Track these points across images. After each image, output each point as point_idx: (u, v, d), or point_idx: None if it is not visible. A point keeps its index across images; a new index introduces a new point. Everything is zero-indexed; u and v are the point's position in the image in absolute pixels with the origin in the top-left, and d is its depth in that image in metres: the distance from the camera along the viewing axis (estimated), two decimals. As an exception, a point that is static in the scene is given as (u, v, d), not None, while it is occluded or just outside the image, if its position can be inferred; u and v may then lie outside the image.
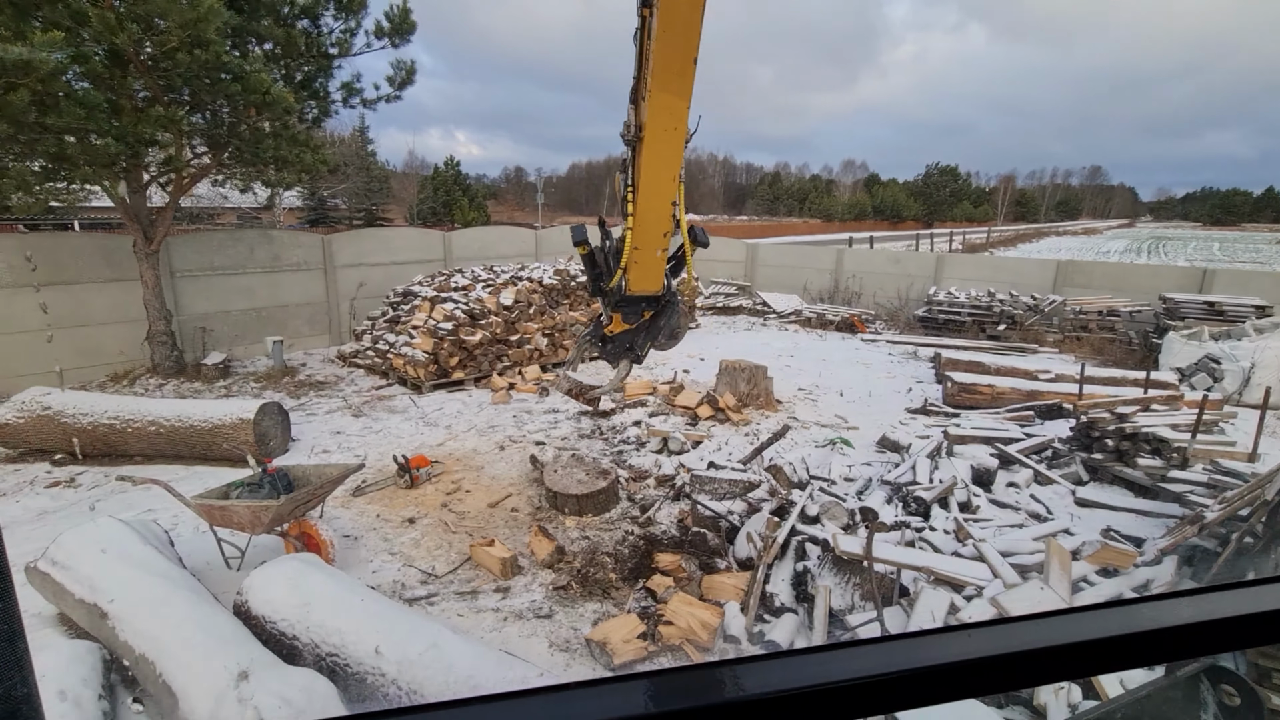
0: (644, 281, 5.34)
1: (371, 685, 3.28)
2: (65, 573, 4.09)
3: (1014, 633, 0.69)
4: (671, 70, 4.14)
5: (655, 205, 4.79)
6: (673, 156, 4.53)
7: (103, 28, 6.36)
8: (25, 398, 7.02)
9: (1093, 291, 13.82)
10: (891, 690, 0.61)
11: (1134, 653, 0.70)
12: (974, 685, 0.65)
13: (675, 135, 4.39)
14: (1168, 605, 0.73)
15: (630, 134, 4.63)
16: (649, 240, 4.94)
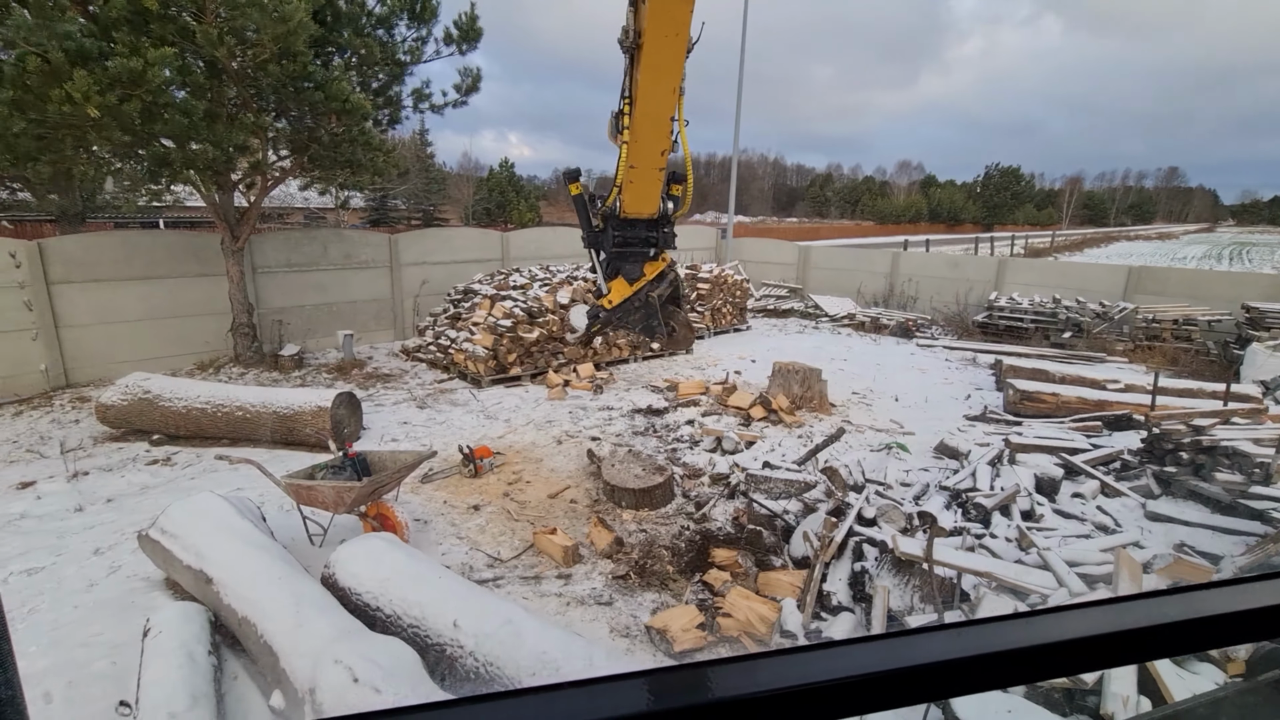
0: (640, 202, 4.89)
1: (450, 656, 3.51)
2: (174, 541, 4.49)
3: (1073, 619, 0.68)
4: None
5: (653, 119, 4.36)
6: (673, 65, 4.16)
7: (206, 42, 6.89)
8: (128, 382, 7.64)
9: (1167, 299, 13.18)
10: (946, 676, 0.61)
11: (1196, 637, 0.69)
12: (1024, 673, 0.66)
13: (676, 42, 4.03)
14: (1238, 590, 0.71)
15: (629, 40, 4.20)
16: (646, 158, 4.54)
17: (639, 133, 4.42)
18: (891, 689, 0.60)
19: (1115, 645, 0.66)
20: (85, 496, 6.17)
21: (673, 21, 3.95)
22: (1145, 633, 0.66)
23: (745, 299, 14.95)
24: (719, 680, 0.58)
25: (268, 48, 7.40)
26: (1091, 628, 0.66)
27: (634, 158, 4.51)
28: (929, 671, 0.61)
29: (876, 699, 0.60)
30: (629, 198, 4.83)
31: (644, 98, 4.31)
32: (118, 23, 6.73)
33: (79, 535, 5.44)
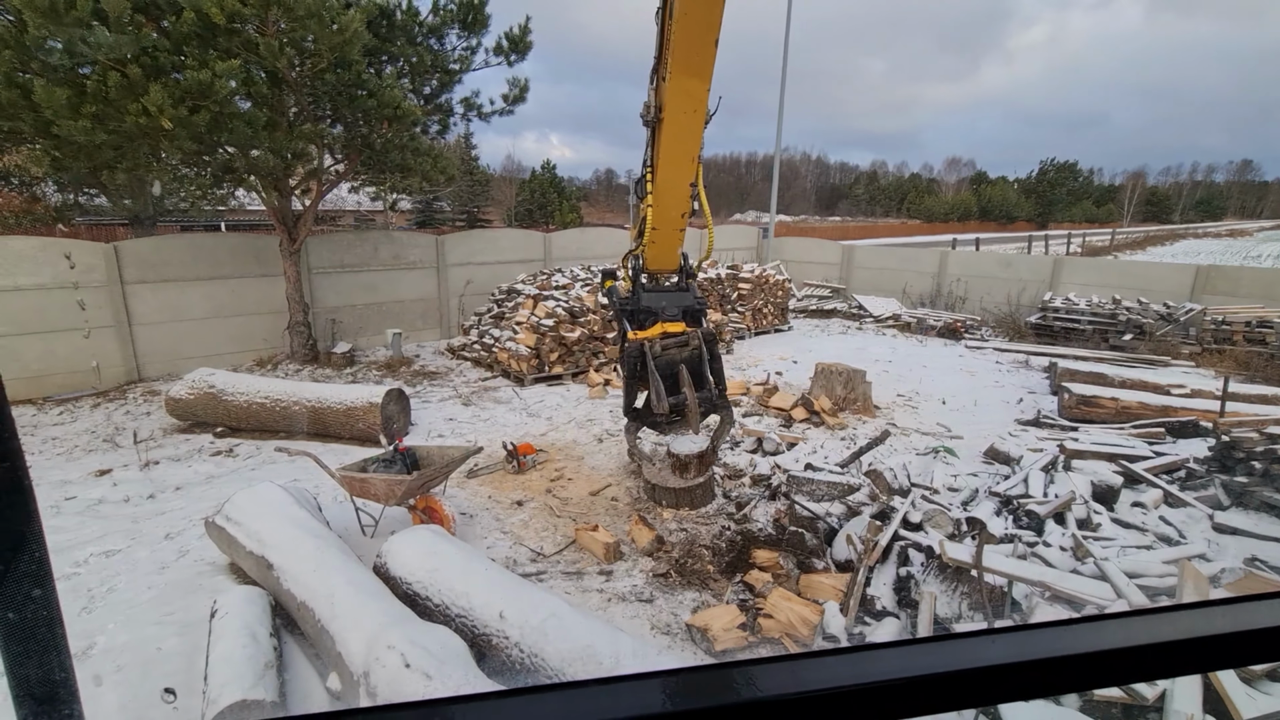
0: (661, 259, 5.34)
1: (496, 646, 3.61)
2: (238, 528, 4.73)
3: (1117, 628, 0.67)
4: (692, 50, 3.95)
5: (674, 186, 4.72)
6: (692, 138, 4.45)
7: (268, 53, 7.22)
8: (194, 377, 8.07)
9: (1239, 300, 12.46)
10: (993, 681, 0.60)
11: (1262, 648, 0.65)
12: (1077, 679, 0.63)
13: (694, 117, 4.31)
14: None
15: (650, 115, 4.52)
16: (668, 220, 4.94)
17: (661, 197, 4.81)
18: (935, 693, 0.59)
19: (1170, 654, 0.63)
20: (156, 484, 6.55)
21: (691, 97, 4.21)
22: (1202, 642, 0.63)
23: (786, 299, 14.79)
24: (759, 680, 0.58)
25: (325, 57, 7.71)
26: (1146, 636, 0.64)
27: (657, 220, 4.96)
28: (975, 676, 0.60)
29: (920, 702, 0.59)
30: (652, 254, 5.30)
31: (665, 166, 4.70)
32: (188, 37, 7.11)
33: (151, 521, 5.79)
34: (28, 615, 0.57)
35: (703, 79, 4.19)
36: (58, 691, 0.59)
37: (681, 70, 4.13)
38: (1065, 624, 0.67)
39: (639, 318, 5.31)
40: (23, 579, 0.55)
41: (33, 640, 0.57)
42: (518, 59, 9.83)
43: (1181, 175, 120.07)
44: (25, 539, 0.55)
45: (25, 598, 0.56)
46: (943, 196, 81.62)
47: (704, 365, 5.43)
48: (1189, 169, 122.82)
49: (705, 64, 4.13)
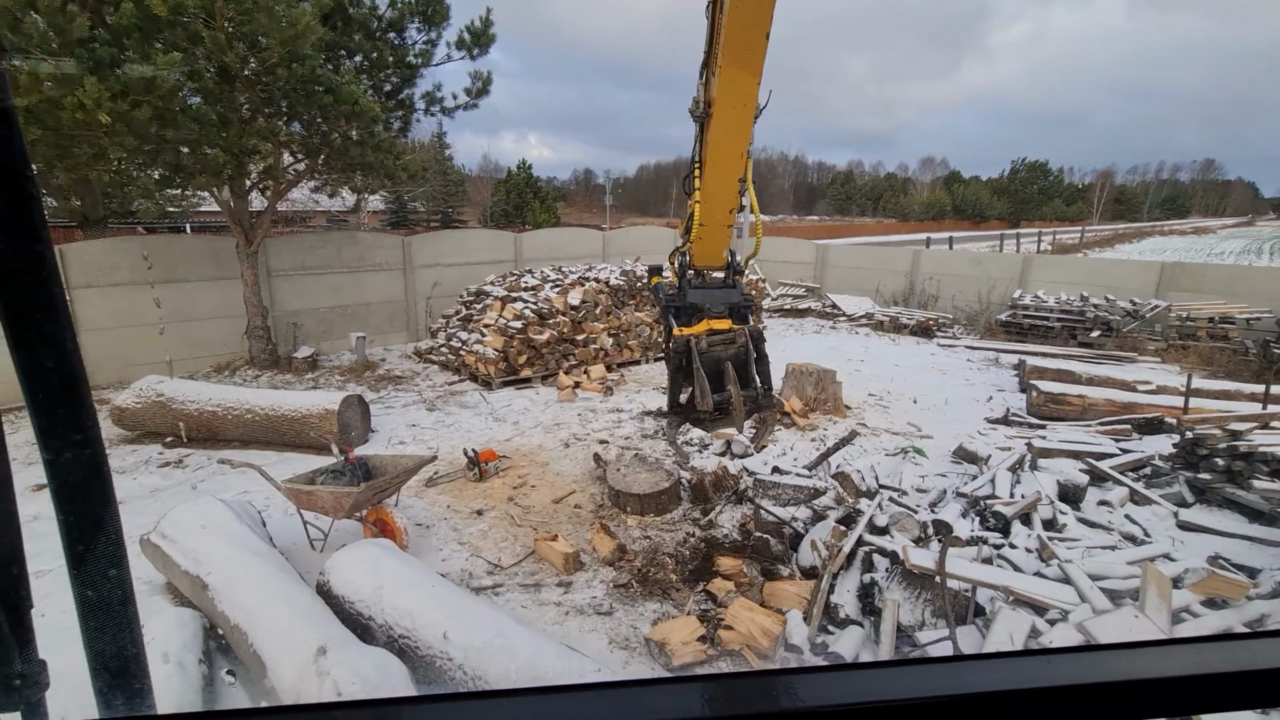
0: (708, 256, 5.37)
1: (439, 669, 3.42)
2: (173, 545, 4.47)
3: (1099, 662, 0.65)
4: (742, 44, 3.97)
5: (723, 181, 4.74)
6: (741, 132, 4.46)
7: (214, 47, 6.93)
8: (142, 385, 7.73)
9: (1203, 297, 12.65)
10: (958, 713, 0.58)
11: (1241, 693, 0.63)
12: (1047, 716, 0.61)
13: (744, 111, 4.31)
14: None
15: (699, 109, 4.53)
16: (716, 216, 4.95)
17: (709, 193, 4.83)
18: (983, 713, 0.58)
19: (1160, 692, 0.61)
20: (96, 499, 6.23)
21: (741, 93, 4.22)
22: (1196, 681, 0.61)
23: (761, 298, 14.73)
24: (719, 695, 0.57)
25: (276, 52, 7.42)
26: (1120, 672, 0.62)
27: (705, 216, 5.06)
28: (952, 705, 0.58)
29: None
30: (698, 250, 5.36)
31: (713, 162, 4.76)
32: (129, 29, 6.79)
33: (87, 538, 5.48)
34: (104, 593, 0.61)
35: (754, 73, 4.22)
36: (129, 665, 0.63)
37: (732, 64, 4.13)
38: (1045, 654, 0.66)
39: (685, 314, 5.23)
40: (100, 559, 0.60)
41: (108, 616, 0.61)
42: (480, 53, 9.61)
43: (1148, 174, 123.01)
44: (104, 522, 0.59)
45: (102, 577, 0.60)
46: (918, 196, 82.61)
47: (750, 363, 5.35)
48: (1155, 168, 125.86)
49: (756, 58, 4.14)
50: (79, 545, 0.58)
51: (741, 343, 5.31)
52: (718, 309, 5.26)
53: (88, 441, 0.57)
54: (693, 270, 5.30)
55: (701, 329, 5.17)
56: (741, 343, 5.31)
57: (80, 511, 0.58)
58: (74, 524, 0.58)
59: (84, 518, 0.58)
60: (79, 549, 0.58)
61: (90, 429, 0.57)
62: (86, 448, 0.57)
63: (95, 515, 0.58)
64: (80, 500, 0.58)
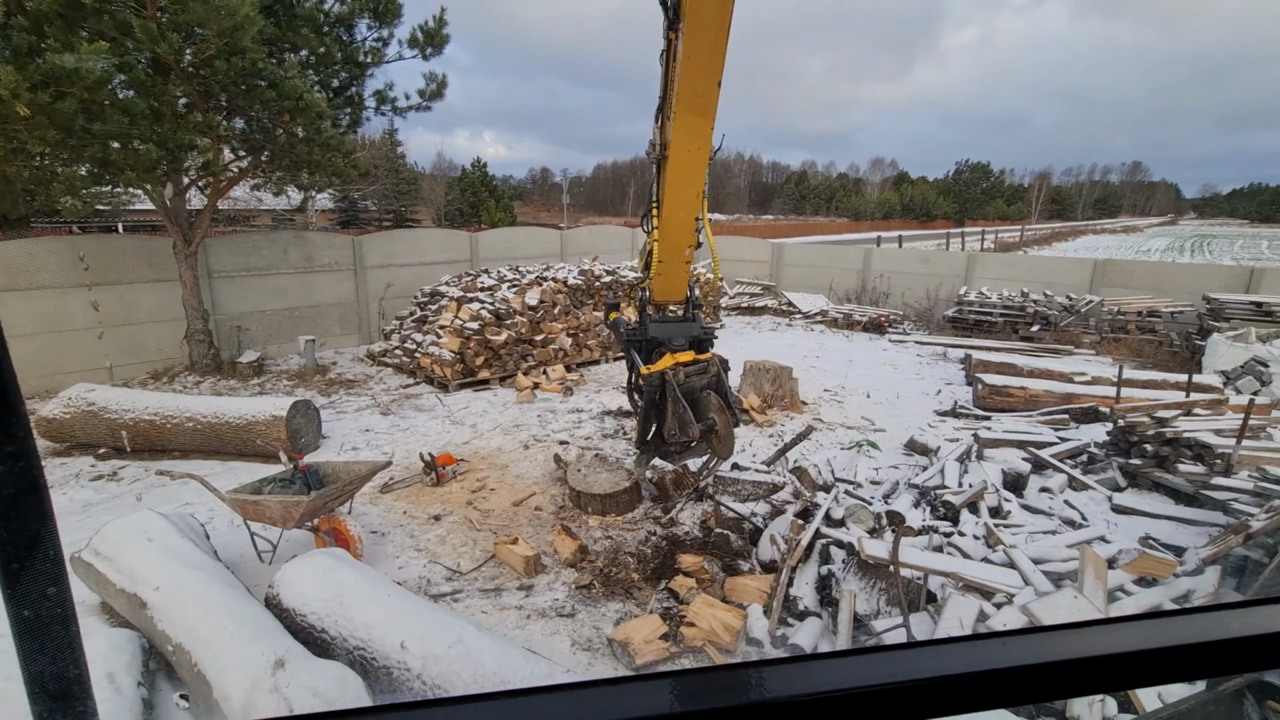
0: (668, 291, 5.51)
1: (398, 679, 3.34)
2: (107, 563, 4.24)
3: (1049, 642, 0.68)
4: (696, 92, 4.20)
5: (679, 220, 4.92)
6: (696, 174, 4.66)
7: (146, 37, 6.58)
8: (71, 394, 7.29)
9: (1132, 291, 13.40)
10: (918, 698, 0.60)
11: (1174, 667, 0.68)
12: (1004, 695, 0.64)
13: (699, 154, 4.51)
14: (1213, 618, 0.71)
15: (655, 152, 4.73)
16: (673, 253, 5.13)
17: (667, 231, 4.90)
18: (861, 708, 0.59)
19: (1106, 669, 0.64)
20: (21, 516, 5.84)
21: (695, 136, 4.36)
22: (1123, 659, 0.65)
23: (719, 298, 14.88)
24: (682, 691, 0.58)
25: (214, 43, 7.10)
26: (1072, 651, 0.65)
27: (663, 253, 5.01)
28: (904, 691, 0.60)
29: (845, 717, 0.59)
30: (659, 287, 5.34)
31: (671, 201, 4.75)
32: (49, 16, 6.39)
33: (11, 558, 5.14)
34: (43, 613, 0.58)
35: (707, 118, 4.31)
36: (71, 688, 0.60)
37: (686, 110, 4.29)
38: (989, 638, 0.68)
39: (647, 349, 5.32)
40: (38, 577, 0.57)
41: (47, 637, 0.58)
42: (434, 53, 9.38)
43: (1081, 176, 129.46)
44: (41, 537, 0.56)
45: (40, 595, 0.57)
46: (868, 195, 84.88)
47: (725, 390, 5.43)
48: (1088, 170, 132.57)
49: (709, 104, 4.25)
50: (14, 563, 0.55)
51: (713, 371, 5.43)
52: (679, 342, 5.40)
53: (21, 453, 0.54)
54: (653, 306, 5.45)
55: (667, 363, 5.26)
56: (713, 371, 5.43)
57: (15, 527, 0.55)
58: (8, 540, 0.55)
59: (19, 534, 0.55)
60: (13, 567, 0.56)
61: (24, 439, 0.54)
62: (20, 459, 0.54)
63: (31, 531, 0.56)
64: (14, 515, 0.56)
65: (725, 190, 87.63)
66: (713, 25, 3.91)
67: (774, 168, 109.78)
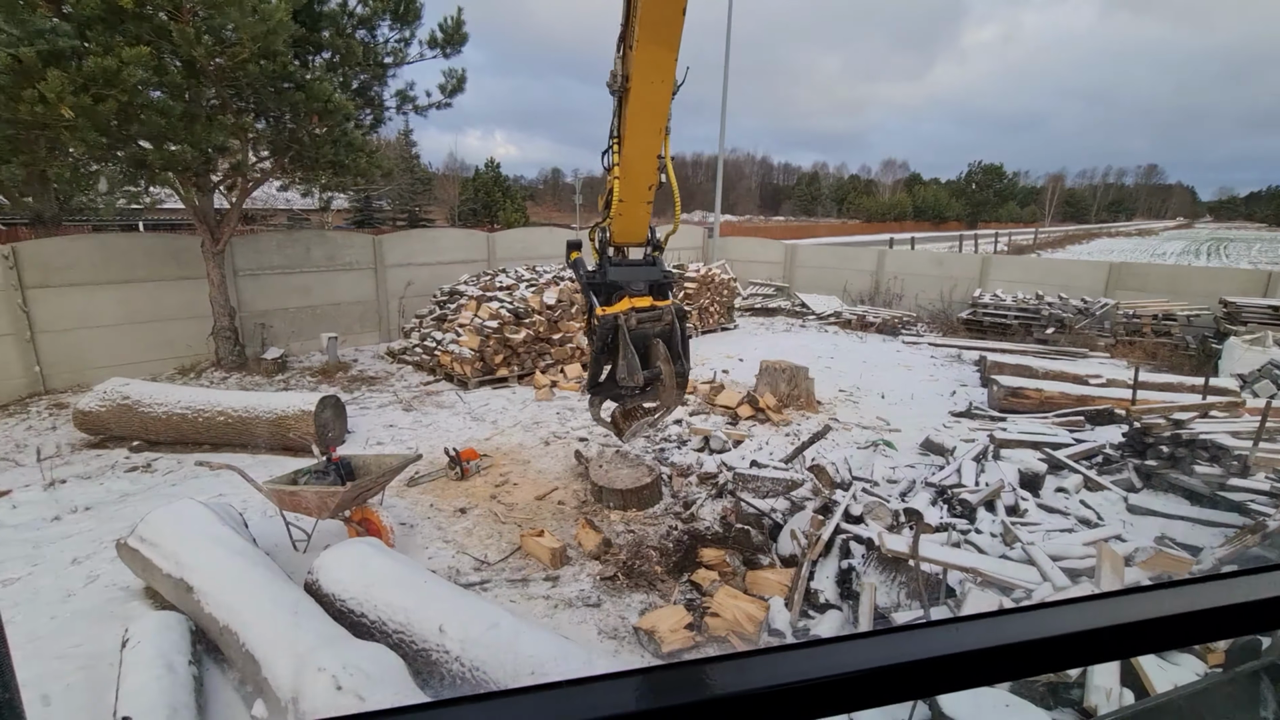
0: (629, 232, 5.24)
1: (435, 661, 3.48)
2: (153, 549, 4.41)
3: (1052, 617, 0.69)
4: (660, 19, 3.94)
5: (641, 156, 4.67)
6: (659, 107, 4.41)
7: (182, 41, 6.78)
8: (106, 388, 7.50)
9: (1147, 295, 13.37)
10: (933, 673, 0.62)
11: (1181, 633, 0.70)
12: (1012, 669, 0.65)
13: (663, 86, 4.28)
14: (1216, 586, 0.73)
15: (616, 84, 4.45)
16: (635, 192, 4.86)
17: (628, 169, 4.67)
18: (879, 686, 0.60)
19: (1101, 641, 0.67)
20: (62, 505, 6.05)
21: (658, 68, 4.16)
22: (1130, 628, 0.67)
23: (732, 298, 14.97)
24: (707, 678, 0.59)
25: (247, 47, 7.29)
26: (1078, 623, 0.67)
27: (624, 192, 4.78)
28: (916, 668, 0.61)
29: (864, 696, 0.60)
30: (619, 228, 5.08)
31: (632, 137, 4.53)
32: (92, 21, 6.60)
33: (55, 545, 5.34)
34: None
35: (670, 48, 4.10)
36: (2, 713, 0.58)
37: (649, 40, 4.06)
38: (1002, 614, 0.70)
39: (605, 292, 5.21)
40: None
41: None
42: (453, 51, 9.55)
43: (1096, 178, 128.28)
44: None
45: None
46: (880, 197, 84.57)
47: (676, 340, 5.38)
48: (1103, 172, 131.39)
49: (673, 34, 4.03)
50: None
51: (668, 320, 5.36)
52: (638, 286, 5.29)
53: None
54: (612, 248, 5.20)
55: (623, 306, 5.18)
56: (668, 320, 5.36)
57: None
58: None
59: None
60: None
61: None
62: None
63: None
64: None
65: (736, 191, 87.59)
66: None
67: (785, 169, 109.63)
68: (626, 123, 4.48)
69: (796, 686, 0.58)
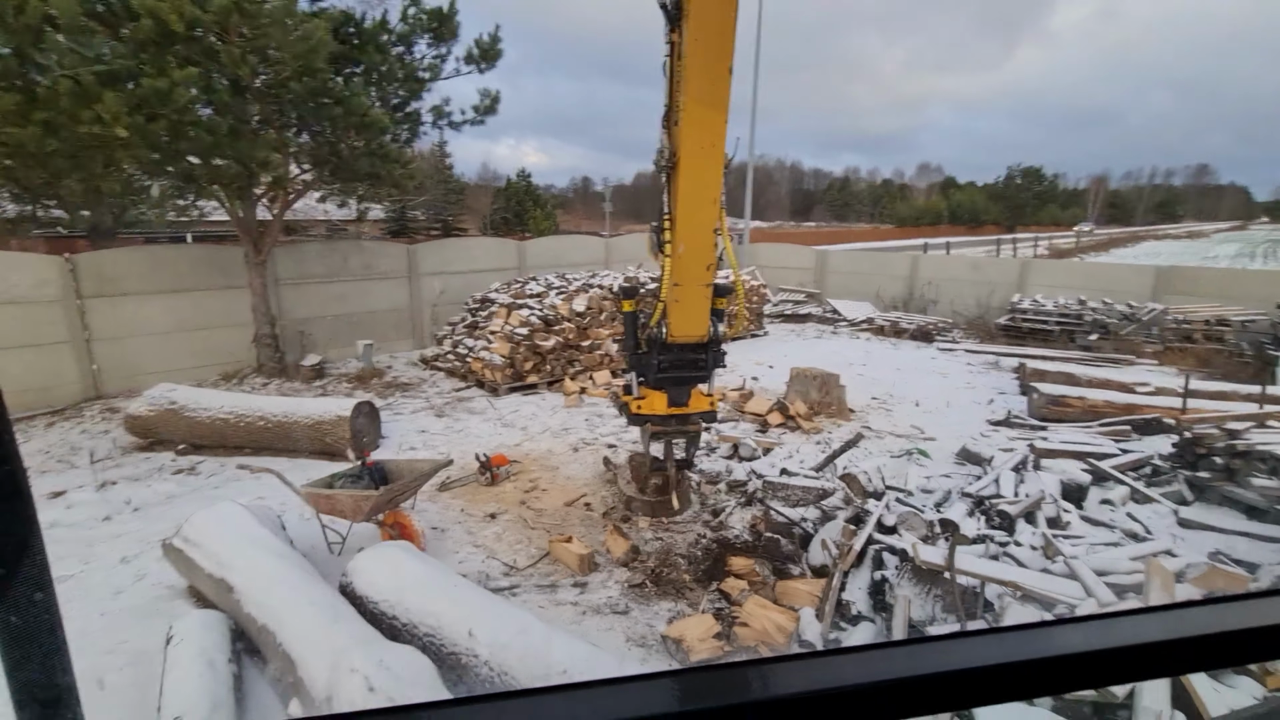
0: (687, 324, 4.75)
1: (465, 665, 3.51)
2: (196, 549, 4.56)
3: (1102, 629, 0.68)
4: (707, 79, 3.82)
5: (696, 234, 4.32)
6: (712, 178, 4.16)
7: (229, 61, 7.06)
8: (155, 393, 7.81)
9: (1198, 299, 12.83)
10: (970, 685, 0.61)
11: (1238, 649, 0.67)
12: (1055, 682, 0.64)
13: (714, 153, 4.06)
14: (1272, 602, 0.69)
15: (664, 160, 4.28)
16: (691, 274, 4.47)
17: (683, 247, 4.38)
18: (911, 696, 0.59)
19: (1146, 657, 0.64)
20: (113, 505, 6.31)
21: (710, 131, 3.99)
22: (1183, 644, 0.64)
23: (762, 304, 14.87)
24: (736, 683, 0.59)
25: (289, 65, 7.56)
26: (1127, 637, 0.65)
27: (679, 275, 4.45)
28: (951, 679, 0.60)
29: (896, 707, 0.59)
30: (676, 319, 4.68)
31: (685, 213, 4.26)
32: (145, 44, 6.92)
33: (106, 544, 5.56)
34: (30, 620, 0.57)
35: (719, 110, 3.96)
36: (60, 695, 0.60)
37: (697, 101, 3.89)
38: (1042, 626, 0.67)
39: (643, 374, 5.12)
40: (24, 583, 0.56)
41: (34, 644, 0.58)
42: (488, 67, 9.75)
43: (1142, 179, 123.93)
44: (27, 543, 0.56)
45: (27, 602, 0.57)
46: (914, 202, 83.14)
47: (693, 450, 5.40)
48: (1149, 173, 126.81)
49: (721, 94, 3.90)
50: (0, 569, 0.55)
51: (694, 431, 5.28)
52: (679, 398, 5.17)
53: (5, 457, 0.53)
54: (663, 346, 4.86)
55: (659, 405, 5.08)
56: (694, 431, 5.28)
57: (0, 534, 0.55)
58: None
59: (4, 540, 0.55)
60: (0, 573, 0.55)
61: (7, 444, 0.53)
62: (4, 464, 0.53)
63: (17, 537, 0.56)
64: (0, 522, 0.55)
65: (765, 198, 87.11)
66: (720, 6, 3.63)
67: (816, 174, 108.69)
68: (678, 196, 4.25)
69: (827, 694, 0.57)
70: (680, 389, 5.15)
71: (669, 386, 5.14)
